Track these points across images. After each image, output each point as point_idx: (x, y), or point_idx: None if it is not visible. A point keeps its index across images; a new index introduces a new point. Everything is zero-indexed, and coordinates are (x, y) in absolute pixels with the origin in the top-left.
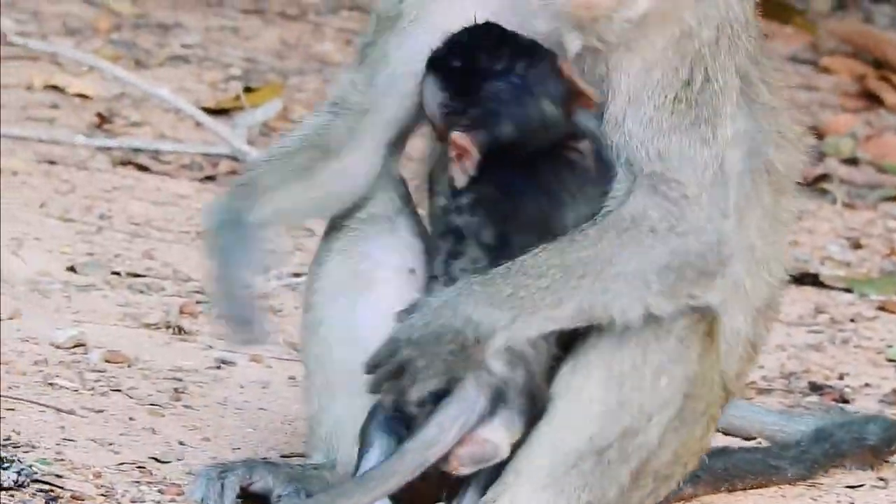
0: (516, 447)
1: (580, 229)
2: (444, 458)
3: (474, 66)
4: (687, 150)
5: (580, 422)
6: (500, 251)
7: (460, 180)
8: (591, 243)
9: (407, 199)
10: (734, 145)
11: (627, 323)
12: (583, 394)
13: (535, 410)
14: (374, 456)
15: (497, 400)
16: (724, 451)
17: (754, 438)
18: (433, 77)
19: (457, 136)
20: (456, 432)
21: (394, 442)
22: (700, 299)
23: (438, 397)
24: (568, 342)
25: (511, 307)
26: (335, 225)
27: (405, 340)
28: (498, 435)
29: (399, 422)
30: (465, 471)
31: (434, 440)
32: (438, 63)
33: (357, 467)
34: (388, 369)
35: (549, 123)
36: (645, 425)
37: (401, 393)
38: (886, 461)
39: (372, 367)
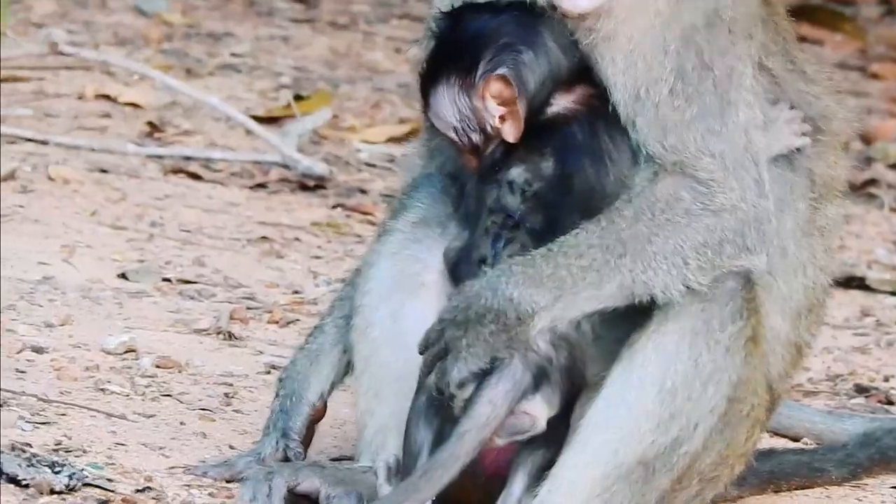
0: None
1: (616, 209)
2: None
3: (479, 20)
4: (700, 143)
5: (634, 436)
6: (548, 235)
7: (512, 135)
8: (629, 224)
9: (457, 202)
10: (756, 129)
11: (668, 299)
12: (637, 408)
13: (573, 389)
14: (422, 450)
15: (540, 377)
16: (770, 453)
17: (801, 439)
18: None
19: (493, 84)
20: (506, 408)
21: (434, 432)
22: (744, 268)
23: (479, 377)
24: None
25: (552, 287)
26: (386, 229)
27: (449, 321)
28: (538, 410)
29: (438, 411)
30: (500, 442)
31: (488, 417)
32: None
33: (404, 464)
34: (435, 350)
35: (567, 52)
36: (691, 434)
37: (444, 374)
38: None
39: (423, 349)
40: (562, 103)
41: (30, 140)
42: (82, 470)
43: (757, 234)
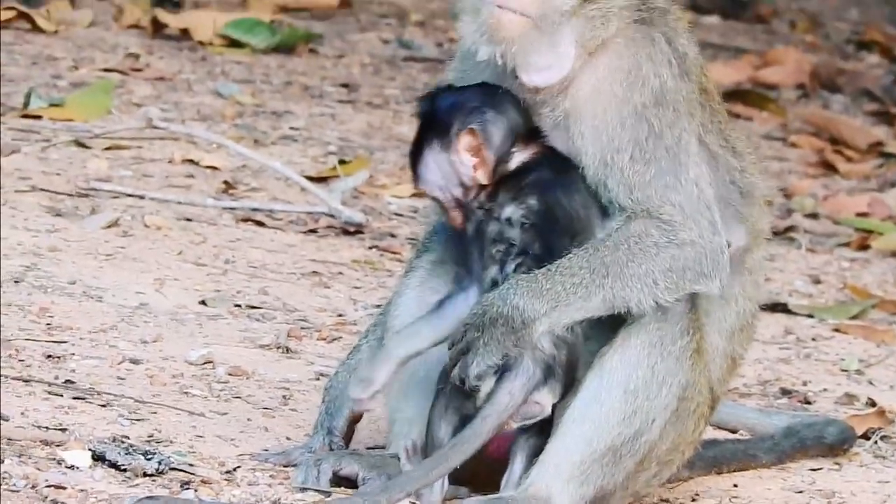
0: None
1: (601, 240)
2: None
3: (451, 96)
4: (661, 196)
5: (605, 428)
6: (545, 257)
7: (485, 178)
8: (611, 252)
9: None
10: (704, 182)
11: (641, 312)
12: (606, 406)
13: (572, 381)
14: (444, 432)
15: (547, 372)
16: (714, 443)
17: (738, 431)
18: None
19: (464, 137)
20: (522, 398)
21: (457, 419)
22: (703, 292)
23: (496, 372)
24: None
25: (550, 299)
26: (411, 266)
27: (470, 325)
28: (546, 399)
29: (456, 409)
30: (515, 425)
31: (507, 405)
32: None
33: (428, 443)
34: (459, 347)
35: (524, 114)
36: (650, 426)
37: (465, 367)
38: (839, 456)
39: (450, 346)
40: (527, 153)
41: (130, 195)
42: (169, 457)
43: (712, 263)
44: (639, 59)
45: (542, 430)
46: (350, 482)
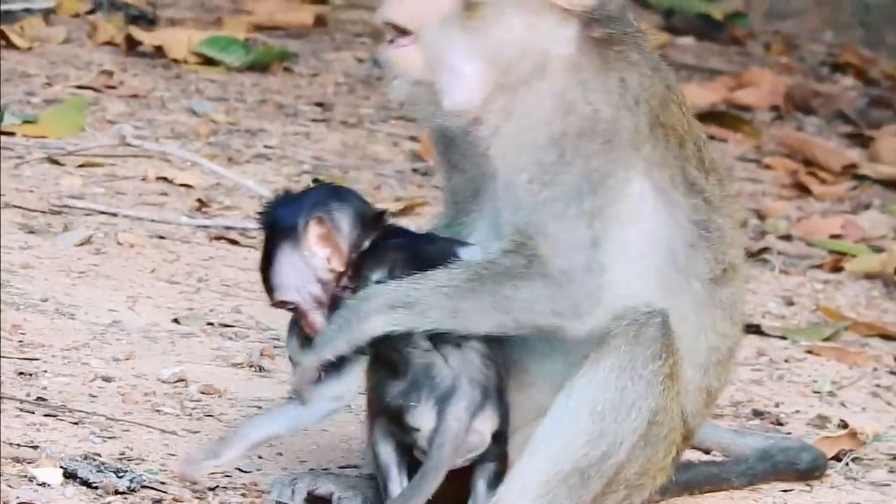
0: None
1: (464, 264)
2: None
3: (291, 199)
4: (540, 224)
5: (572, 449)
6: None
7: (340, 264)
8: (461, 272)
9: None
10: (613, 221)
11: (475, 331)
12: (573, 426)
13: (506, 410)
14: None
15: (484, 394)
16: (688, 466)
17: (711, 451)
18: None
19: (312, 228)
20: (468, 420)
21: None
22: (560, 331)
23: (436, 403)
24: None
25: (391, 300)
26: None
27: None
28: (486, 426)
29: (394, 425)
30: (461, 463)
31: (457, 429)
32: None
33: (378, 473)
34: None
35: (366, 204)
36: (617, 449)
37: (312, 350)
38: (810, 482)
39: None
40: (377, 232)
41: (103, 213)
42: (141, 475)
43: (570, 304)
44: (570, 84)
45: (497, 454)
46: (325, 502)
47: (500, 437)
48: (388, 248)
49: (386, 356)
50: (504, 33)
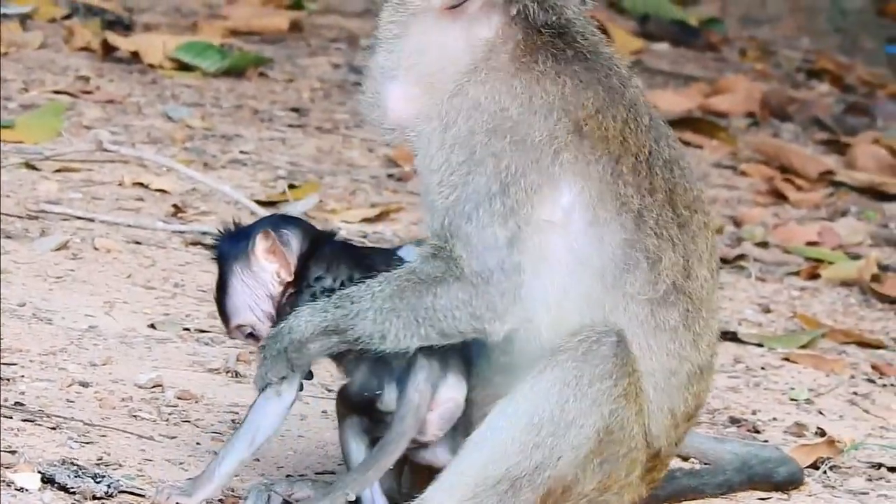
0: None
1: (388, 273)
2: (422, 430)
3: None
4: (453, 226)
5: (502, 455)
6: None
7: (288, 274)
8: (384, 284)
9: None
10: (520, 221)
11: (406, 348)
12: (507, 433)
13: (469, 371)
14: (357, 452)
15: (443, 363)
16: (670, 477)
17: (690, 458)
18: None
19: (259, 242)
20: (430, 390)
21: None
22: (480, 335)
23: (395, 380)
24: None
25: (322, 322)
26: None
27: (266, 339)
28: (456, 392)
29: (366, 423)
30: (439, 433)
31: (419, 401)
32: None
33: (347, 466)
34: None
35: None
36: (555, 463)
37: (257, 377)
38: (787, 493)
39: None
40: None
41: (79, 218)
42: (118, 480)
43: (487, 305)
44: (486, 87)
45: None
46: None
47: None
48: (329, 249)
49: (339, 361)
50: (414, 45)
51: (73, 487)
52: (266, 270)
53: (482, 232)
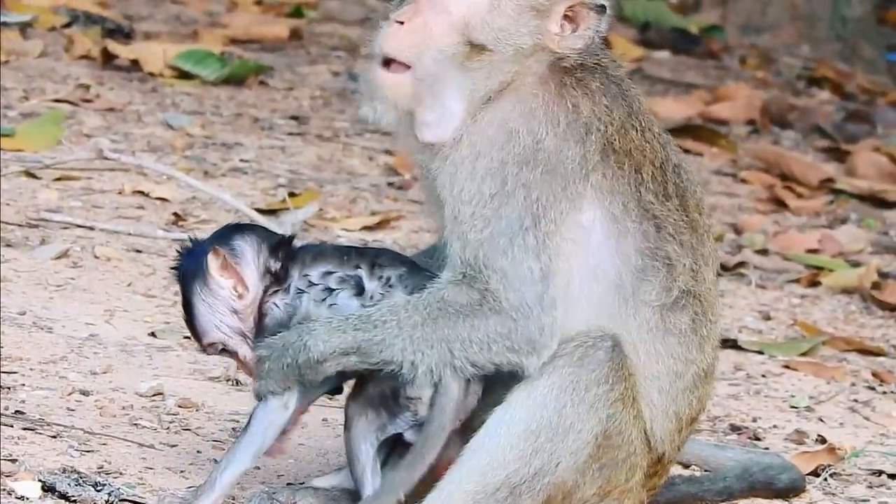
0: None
1: (410, 299)
2: None
3: (196, 246)
4: (489, 259)
5: (501, 462)
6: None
7: (251, 293)
8: (412, 311)
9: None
10: (552, 253)
11: (437, 379)
12: (505, 440)
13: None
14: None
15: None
16: (670, 483)
17: (691, 465)
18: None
19: (210, 261)
20: (466, 385)
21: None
22: (514, 367)
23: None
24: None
25: (339, 345)
26: None
27: (264, 346)
28: (479, 387)
29: (380, 421)
30: (457, 424)
31: (458, 392)
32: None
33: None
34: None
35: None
36: (553, 469)
37: (256, 390)
38: (788, 500)
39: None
40: (284, 254)
41: (80, 226)
42: (119, 489)
43: (525, 339)
44: (515, 113)
45: None
46: None
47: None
48: (310, 248)
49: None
50: (498, 77)
51: (73, 496)
52: (223, 287)
53: (518, 267)
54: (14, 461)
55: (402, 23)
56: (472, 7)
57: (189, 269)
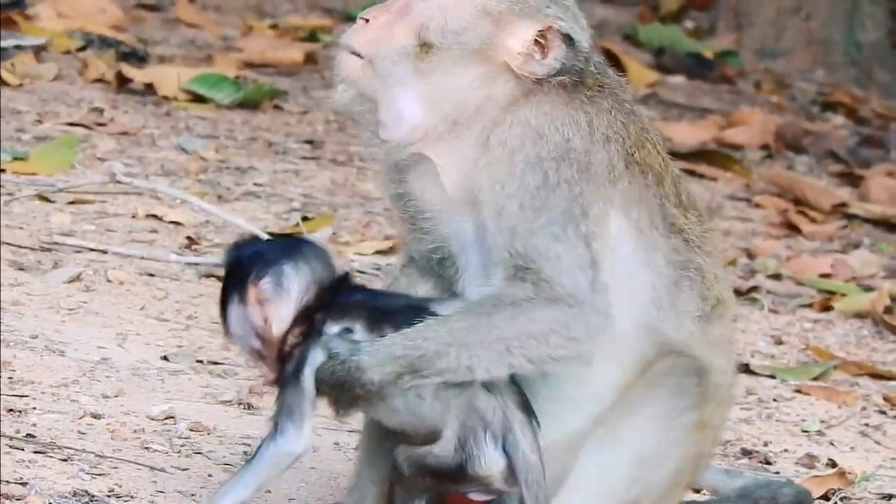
0: None
1: (461, 307)
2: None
3: (252, 247)
4: (542, 247)
5: (612, 492)
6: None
7: (277, 330)
8: (462, 319)
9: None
10: (602, 246)
11: (496, 377)
12: (616, 469)
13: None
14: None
15: (527, 409)
16: None
17: (701, 490)
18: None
19: (251, 290)
20: (537, 445)
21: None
22: (571, 358)
23: (500, 435)
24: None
25: (392, 363)
26: None
27: (322, 382)
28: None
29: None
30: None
31: (537, 460)
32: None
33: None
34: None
35: (327, 265)
36: (647, 493)
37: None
38: None
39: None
40: (333, 292)
41: (93, 250)
42: None
43: (583, 326)
44: (537, 113)
45: None
46: None
47: None
48: (350, 301)
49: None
50: (452, 81)
51: None
52: (257, 315)
53: (572, 252)
54: (24, 484)
55: (367, 20)
56: (431, 8)
57: (237, 274)
